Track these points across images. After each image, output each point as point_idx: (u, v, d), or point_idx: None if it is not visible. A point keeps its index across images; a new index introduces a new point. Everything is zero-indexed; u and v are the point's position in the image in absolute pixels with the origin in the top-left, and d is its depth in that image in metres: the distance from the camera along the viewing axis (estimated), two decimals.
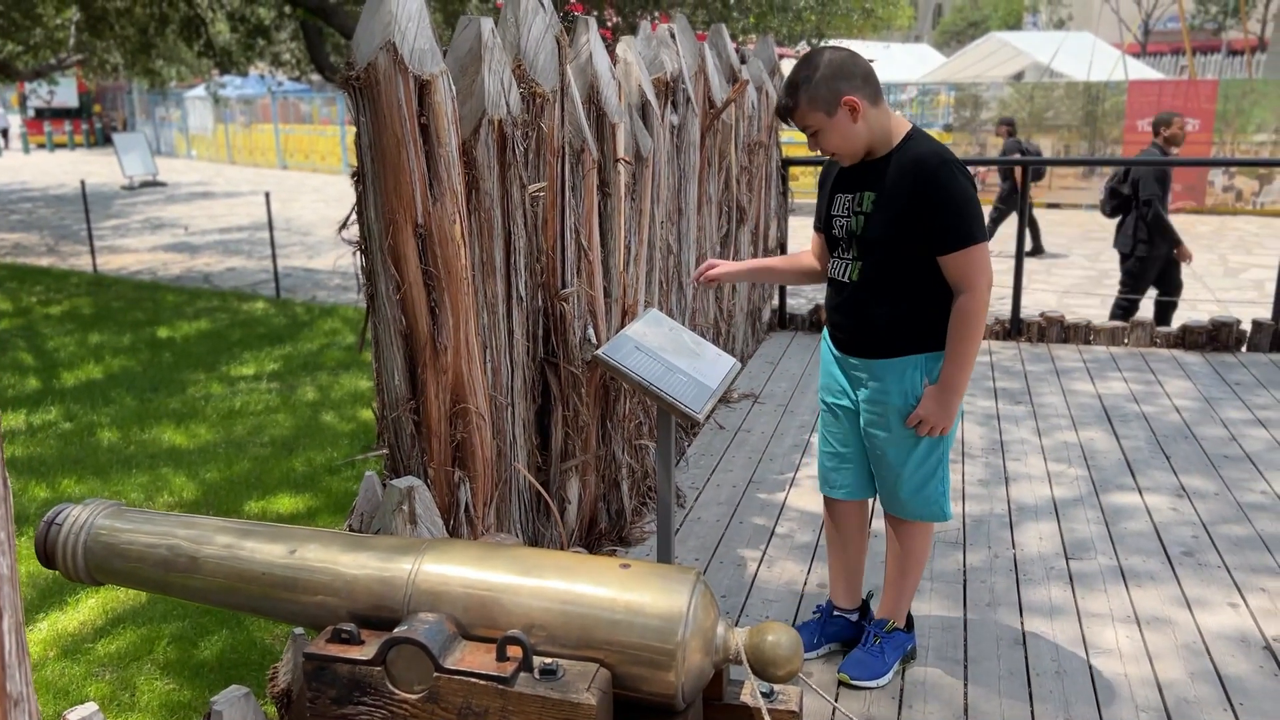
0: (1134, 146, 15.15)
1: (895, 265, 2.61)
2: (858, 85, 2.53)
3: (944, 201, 2.49)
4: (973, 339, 2.56)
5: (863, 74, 2.54)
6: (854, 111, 2.52)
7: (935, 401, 2.63)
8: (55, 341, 8.54)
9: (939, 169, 2.50)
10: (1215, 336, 6.42)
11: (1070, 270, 10.54)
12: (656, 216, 4.17)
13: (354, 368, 7.47)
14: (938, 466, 2.75)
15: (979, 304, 2.53)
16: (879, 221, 2.59)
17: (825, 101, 2.52)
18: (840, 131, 2.55)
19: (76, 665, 3.53)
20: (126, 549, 2.00)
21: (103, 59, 17.19)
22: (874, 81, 2.57)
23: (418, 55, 2.48)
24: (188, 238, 14.95)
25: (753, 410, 5.43)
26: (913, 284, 2.61)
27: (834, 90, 2.52)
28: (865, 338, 2.70)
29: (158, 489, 5.13)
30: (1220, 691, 2.84)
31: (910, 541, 2.86)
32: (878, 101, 2.57)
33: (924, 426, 2.66)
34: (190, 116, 32.19)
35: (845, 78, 2.52)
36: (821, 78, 2.52)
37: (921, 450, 2.72)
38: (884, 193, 2.58)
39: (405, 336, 2.64)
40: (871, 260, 2.64)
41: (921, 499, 2.78)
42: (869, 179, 2.63)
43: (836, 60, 2.54)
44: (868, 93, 2.54)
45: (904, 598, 2.92)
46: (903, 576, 2.89)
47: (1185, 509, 4.06)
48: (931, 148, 2.55)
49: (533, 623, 1.80)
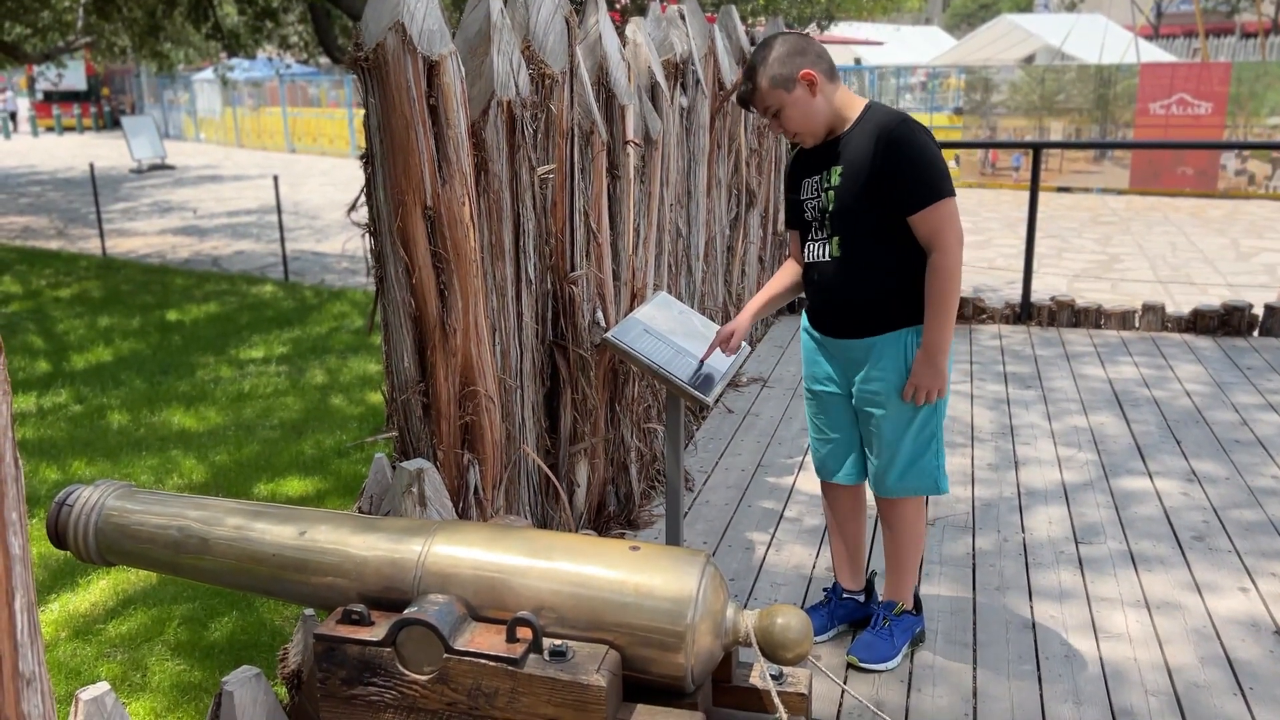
0: (1146, 130, 15.05)
1: (869, 236, 2.62)
2: (813, 60, 2.59)
3: (906, 160, 2.52)
4: (950, 296, 2.57)
5: (816, 52, 2.61)
6: (812, 85, 2.58)
7: (925, 365, 2.63)
8: (65, 324, 8.57)
9: (898, 129, 2.53)
10: (1227, 321, 6.39)
11: (1080, 255, 10.49)
12: (665, 199, 4.15)
13: (362, 351, 7.48)
14: (932, 438, 2.76)
15: (952, 260, 2.55)
16: (848, 193, 2.61)
17: (783, 79, 2.58)
18: (800, 107, 2.60)
19: (88, 646, 3.55)
20: (137, 530, 2.00)
21: (110, 41, 17.17)
22: (828, 59, 2.64)
23: (426, 36, 2.47)
24: (196, 221, 14.96)
25: (761, 394, 5.42)
26: (891, 254, 2.62)
27: (790, 67, 2.58)
28: (848, 315, 2.71)
29: (167, 471, 5.15)
30: (1230, 676, 2.84)
31: (900, 520, 2.85)
32: (833, 78, 2.63)
33: (920, 394, 2.66)
34: (198, 100, 32.17)
35: (800, 54, 2.59)
36: (776, 57, 2.59)
37: (918, 422, 2.73)
38: (849, 163, 2.61)
39: (414, 319, 2.63)
40: (845, 234, 2.65)
41: (917, 471, 2.77)
42: (833, 155, 2.66)
43: (789, 40, 2.62)
44: (823, 68, 2.60)
45: (907, 578, 2.92)
46: (901, 557, 2.89)
47: (1196, 493, 4.04)
48: (892, 113, 2.59)
49: (542, 604, 1.80)
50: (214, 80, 28.09)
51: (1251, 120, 14.62)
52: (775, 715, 1.88)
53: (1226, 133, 14.62)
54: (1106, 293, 8.65)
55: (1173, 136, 14.63)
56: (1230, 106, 14.64)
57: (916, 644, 2.98)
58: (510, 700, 1.73)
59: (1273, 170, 14.42)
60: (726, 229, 5.43)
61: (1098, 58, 18.21)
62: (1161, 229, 11.91)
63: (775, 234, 6.71)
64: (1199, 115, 14.72)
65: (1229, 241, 11.10)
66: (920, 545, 2.90)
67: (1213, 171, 14.66)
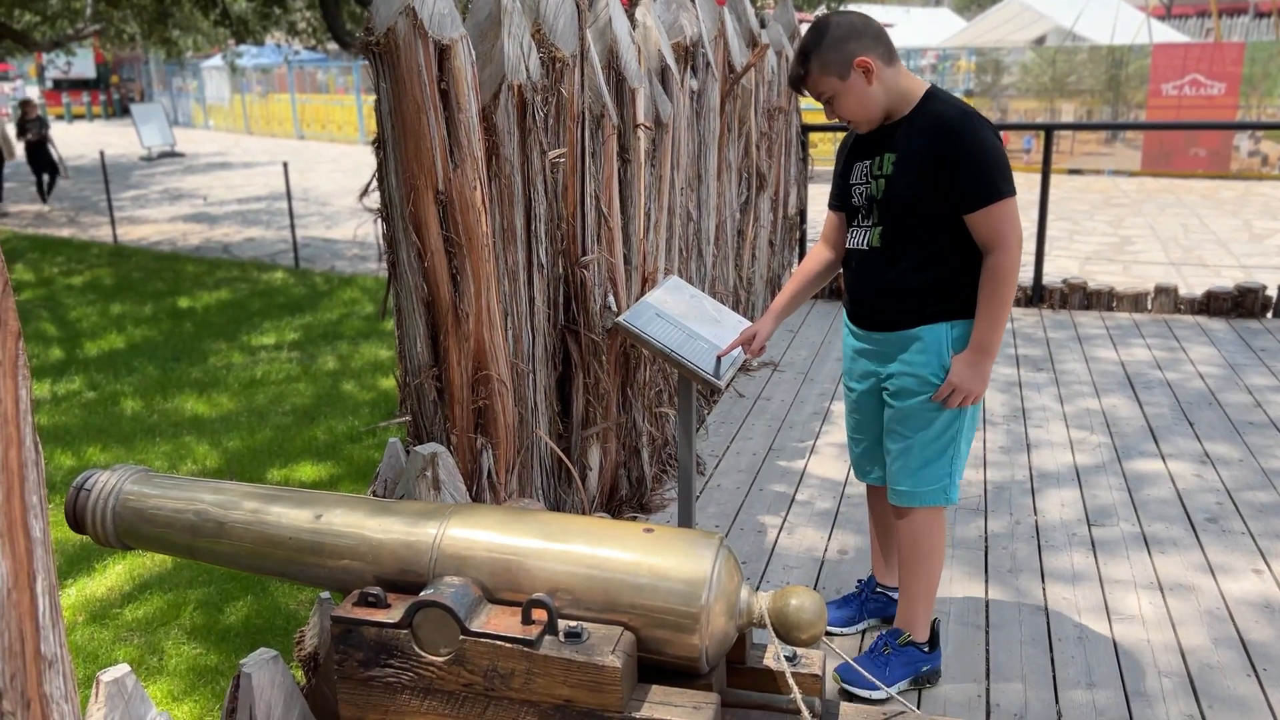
0: (1158, 111, 14.94)
1: (918, 227, 2.49)
2: (869, 45, 2.43)
3: (967, 157, 2.38)
4: (1005, 299, 2.44)
5: (874, 34, 2.45)
6: (868, 73, 2.43)
7: (968, 365, 2.49)
8: (77, 312, 8.60)
9: (960, 123, 2.39)
10: (1240, 302, 6.35)
11: (1092, 237, 10.44)
12: (676, 183, 4.14)
13: (374, 337, 7.50)
14: (949, 445, 2.59)
15: (1011, 262, 2.41)
16: (900, 182, 2.48)
17: (838, 65, 2.43)
18: (856, 95, 2.46)
19: (105, 630, 3.58)
20: (154, 514, 2.02)
21: (119, 29, 17.17)
22: (887, 41, 2.47)
23: (437, 20, 2.47)
24: (206, 208, 14.99)
25: (773, 378, 5.42)
26: (936, 247, 2.48)
27: (845, 53, 2.42)
28: (887, 306, 2.57)
29: (181, 457, 5.18)
30: (1244, 657, 2.84)
31: (911, 535, 2.65)
32: (892, 61, 2.47)
33: (956, 396, 2.51)
34: (207, 87, 32.18)
35: (856, 38, 2.43)
36: (831, 41, 2.43)
37: (940, 423, 2.57)
38: (904, 152, 2.47)
39: (427, 304, 2.64)
40: (892, 224, 2.52)
41: (927, 475, 2.60)
42: (888, 141, 2.52)
43: (846, 23, 2.45)
44: (881, 52, 2.44)
45: (918, 604, 2.69)
46: (912, 578, 2.68)
47: (1209, 475, 4.03)
48: (953, 104, 2.45)
49: (557, 586, 1.81)
50: (222, 67, 28.10)
51: (1265, 101, 14.50)
52: (789, 696, 1.89)
53: (1239, 113, 14.51)
54: (1118, 275, 8.62)
55: (1185, 117, 14.53)
56: (1243, 87, 14.52)
57: (925, 683, 2.73)
58: (526, 681, 1.74)
59: None
60: (737, 213, 5.42)
61: (1109, 38, 18.06)
62: (1174, 211, 11.83)
63: (785, 217, 6.69)
64: (1212, 96, 14.61)
65: (1242, 223, 11.03)
66: (934, 569, 2.68)
67: (1226, 153, 14.56)
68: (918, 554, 2.66)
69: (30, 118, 14.85)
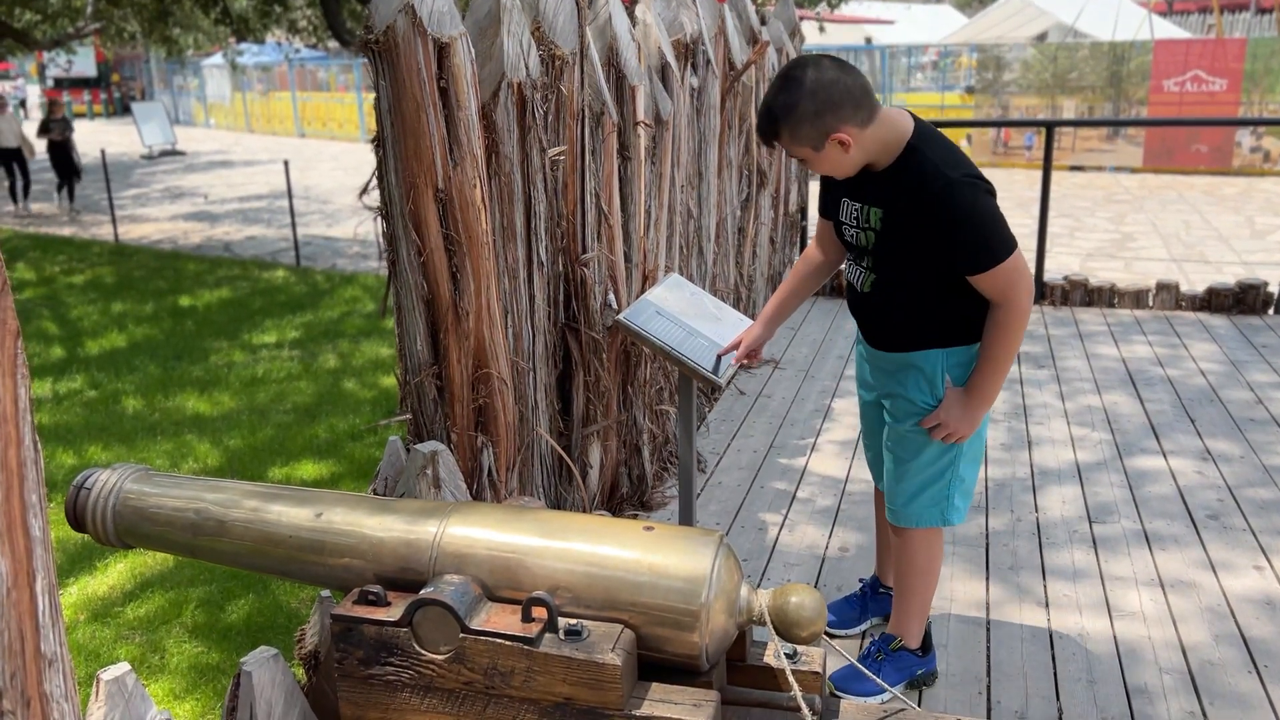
0: (1160, 107, 14.92)
1: (912, 277, 2.41)
2: (847, 115, 2.22)
3: (959, 225, 2.24)
4: (1010, 350, 2.35)
5: (853, 98, 2.22)
6: (844, 145, 2.25)
7: (961, 407, 2.43)
8: (79, 310, 8.61)
9: (949, 193, 2.22)
10: (1242, 299, 6.35)
11: (1093, 234, 10.43)
12: (676, 180, 4.14)
13: (374, 335, 7.50)
14: (947, 469, 2.54)
15: (1019, 315, 2.31)
16: (891, 241, 2.38)
17: (811, 138, 2.25)
18: (830, 162, 2.31)
19: (106, 629, 3.59)
20: (155, 513, 2.02)
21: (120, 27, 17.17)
22: (866, 99, 2.24)
23: (436, 18, 2.46)
24: (207, 206, 14.99)
25: (773, 376, 5.42)
26: (933, 290, 2.41)
27: (820, 128, 2.23)
28: (886, 336, 2.54)
29: (182, 456, 5.18)
30: (1245, 654, 2.84)
31: (907, 551, 2.63)
32: (871, 120, 2.27)
33: (941, 430, 2.46)
34: (208, 85, 32.18)
35: (832, 109, 2.21)
36: (804, 113, 2.22)
37: (933, 450, 2.52)
38: (891, 211, 2.34)
39: (427, 302, 2.64)
40: (886, 272, 2.44)
41: (920, 501, 2.57)
42: (873, 192, 2.38)
43: (822, 86, 2.20)
44: (859, 118, 2.24)
45: (910, 614, 2.68)
46: (907, 592, 2.67)
47: (1210, 472, 4.03)
48: (935, 163, 2.25)
49: (557, 584, 1.81)
50: (223, 65, 28.10)
51: (1267, 97, 14.47)
52: (789, 694, 1.89)
53: (1241, 109, 14.48)
54: (1120, 272, 8.61)
55: (1187, 114, 14.51)
56: (1245, 83, 14.50)
57: (922, 685, 2.74)
58: (526, 679, 1.74)
59: None
60: (738, 210, 5.41)
61: (1111, 35, 18.04)
62: (1175, 207, 11.82)
63: (786, 215, 6.69)
64: (1214, 92, 14.58)
65: (1244, 219, 11.02)
66: (929, 583, 2.67)
67: (1227, 149, 14.54)
68: (913, 571, 2.65)
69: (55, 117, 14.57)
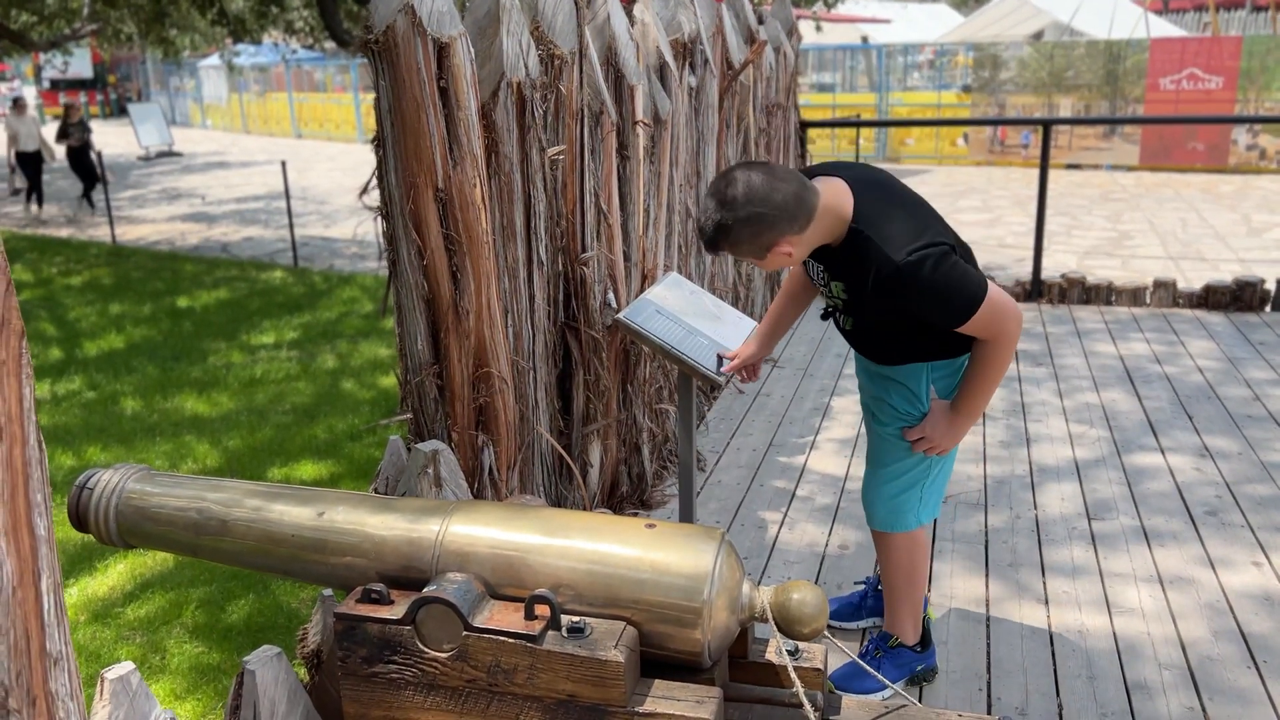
0: (1156, 105, 14.94)
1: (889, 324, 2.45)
2: (782, 228, 2.21)
3: (922, 300, 2.26)
4: (996, 375, 2.39)
5: (787, 213, 2.20)
6: (787, 255, 2.27)
7: (945, 422, 2.47)
8: (76, 312, 8.61)
9: (897, 278, 2.22)
10: (1239, 296, 6.36)
11: (1090, 232, 10.44)
12: (675, 179, 4.15)
13: (373, 335, 7.50)
14: (921, 478, 2.59)
15: (1007, 344, 2.34)
16: (859, 310, 2.43)
17: (752, 252, 2.27)
18: (778, 263, 2.32)
19: (107, 629, 3.59)
20: (157, 512, 2.02)
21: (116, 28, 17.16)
22: (800, 209, 2.21)
23: (436, 17, 2.47)
24: (205, 207, 14.98)
25: (772, 374, 5.43)
26: (911, 329, 2.44)
27: (758, 244, 2.23)
28: (871, 353, 2.58)
29: (181, 457, 5.18)
30: (1244, 650, 2.84)
31: (891, 555, 2.68)
32: (810, 221, 2.25)
33: (924, 443, 2.50)
34: (205, 86, 32.15)
35: (767, 226, 2.20)
36: (740, 235, 2.22)
37: (912, 459, 2.57)
38: (853, 289, 2.37)
39: (428, 301, 2.64)
40: (863, 321, 2.49)
41: (895, 505, 2.62)
42: (833, 266, 2.40)
43: (753, 204, 2.18)
44: (796, 227, 2.23)
45: (901, 613, 2.73)
46: (895, 592, 2.72)
47: (1208, 469, 4.04)
48: (881, 247, 2.24)
49: (560, 582, 1.82)
50: (220, 66, 28.08)
51: (1263, 94, 14.49)
52: (791, 690, 1.90)
53: (1238, 107, 14.51)
54: (1117, 270, 8.62)
55: (1183, 112, 14.53)
56: (1241, 81, 14.52)
57: (922, 681, 2.78)
58: (529, 676, 1.75)
59: None
60: None
61: (1107, 33, 18.06)
62: (1172, 205, 11.84)
63: None
64: (1210, 90, 14.60)
65: (1240, 217, 11.04)
66: (913, 583, 2.71)
67: (1224, 147, 14.56)
68: (898, 573, 2.70)
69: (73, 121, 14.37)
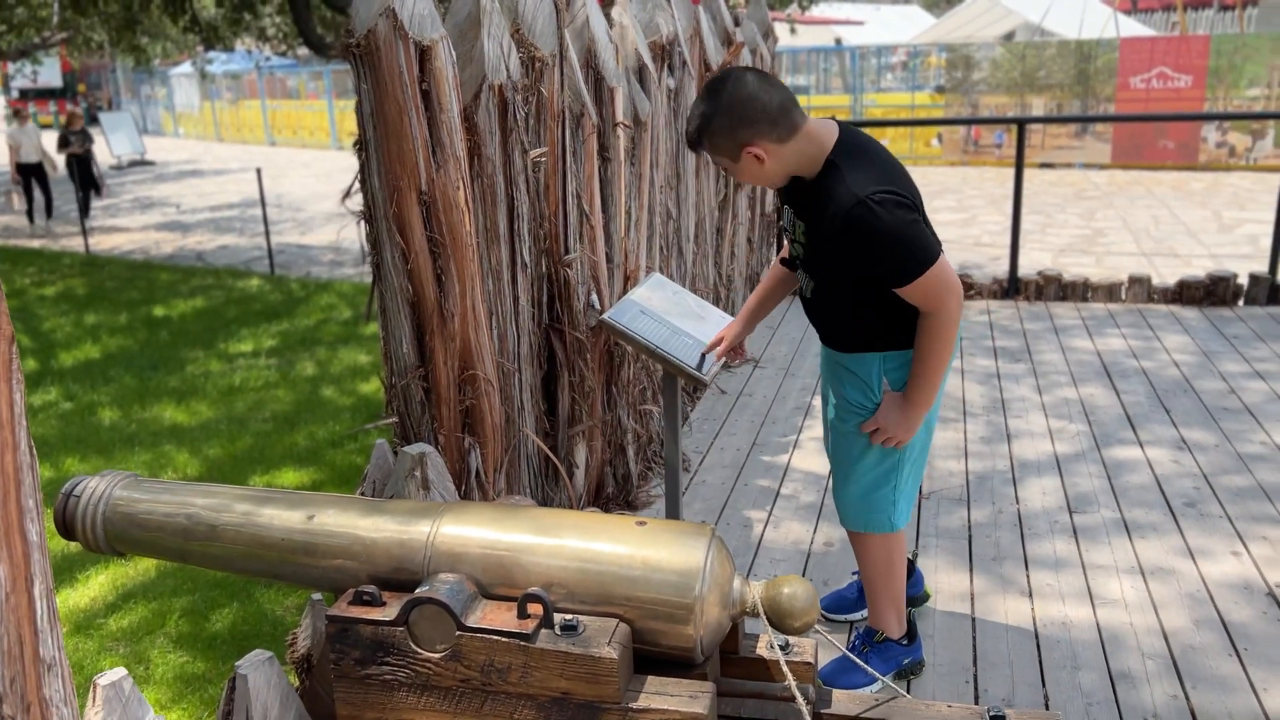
0: (1127, 104, 15.11)
1: (845, 286, 2.45)
2: (762, 130, 2.28)
3: (874, 244, 2.27)
4: (941, 355, 2.37)
5: (769, 116, 2.27)
6: (759, 159, 2.32)
7: (897, 412, 2.47)
8: (51, 322, 8.52)
9: (858, 213, 2.24)
10: (1212, 291, 6.44)
11: (1065, 230, 10.54)
12: (655, 181, 4.16)
13: (352, 342, 7.47)
14: (890, 474, 2.57)
15: (948, 320, 2.34)
16: (815, 255, 2.44)
17: (727, 149, 2.33)
18: (749, 173, 2.37)
19: (90, 641, 3.56)
20: (145, 519, 2.01)
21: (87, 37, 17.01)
22: (783, 117, 2.29)
23: (417, 21, 2.47)
24: (179, 216, 14.87)
25: (754, 374, 5.45)
26: (867, 296, 2.44)
27: (734, 140, 2.30)
28: (830, 336, 2.59)
29: (161, 466, 5.14)
30: (1225, 638, 2.88)
31: (868, 556, 2.69)
32: (791, 135, 2.31)
33: (879, 435, 2.50)
34: (176, 94, 31.93)
35: (747, 124, 2.27)
36: (720, 125, 2.29)
37: (875, 454, 2.56)
38: (812, 228, 2.39)
39: (412, 304, 2.64)
40: (819, 282, 2.50)
41: (867, 504, 2.61)
42: (800, 204, 2.44)
43: (738, 101, 2.26)
44: (776, 134, 2.29)
45: (884, 609, 2.72)
46: (876, 591, 2.71)
47: (1186, 461, 4.09)
48: (848, 184, 2.27)
49: (552, 581, 1.82)
50: (191, 74, 27.89)
51: (1231, 92, 14.69)
52: (784, 684, 1.91)
53: (1207, 105, 14.69)
54: (1091, 267, 8.71)
55: (1154, 110, 14.70)
56: (1210, 79, 14.70)
57: (910, 675, 2.78)
58: (523, 675, 1.75)
59: (1253, 142, 14.50)
60: (715, 210, 5.44)
61: (1077, 33, 18.25)
62: (1144, 203, 11.97)
63: (763, 215, 6.72)
64: (1179, 89, 14.78)
65: (1211, 214, 11.17)
66: (891, 581, 2.70)
67: (1194, 144, 14.74)
68: (876, 572, 2.70)
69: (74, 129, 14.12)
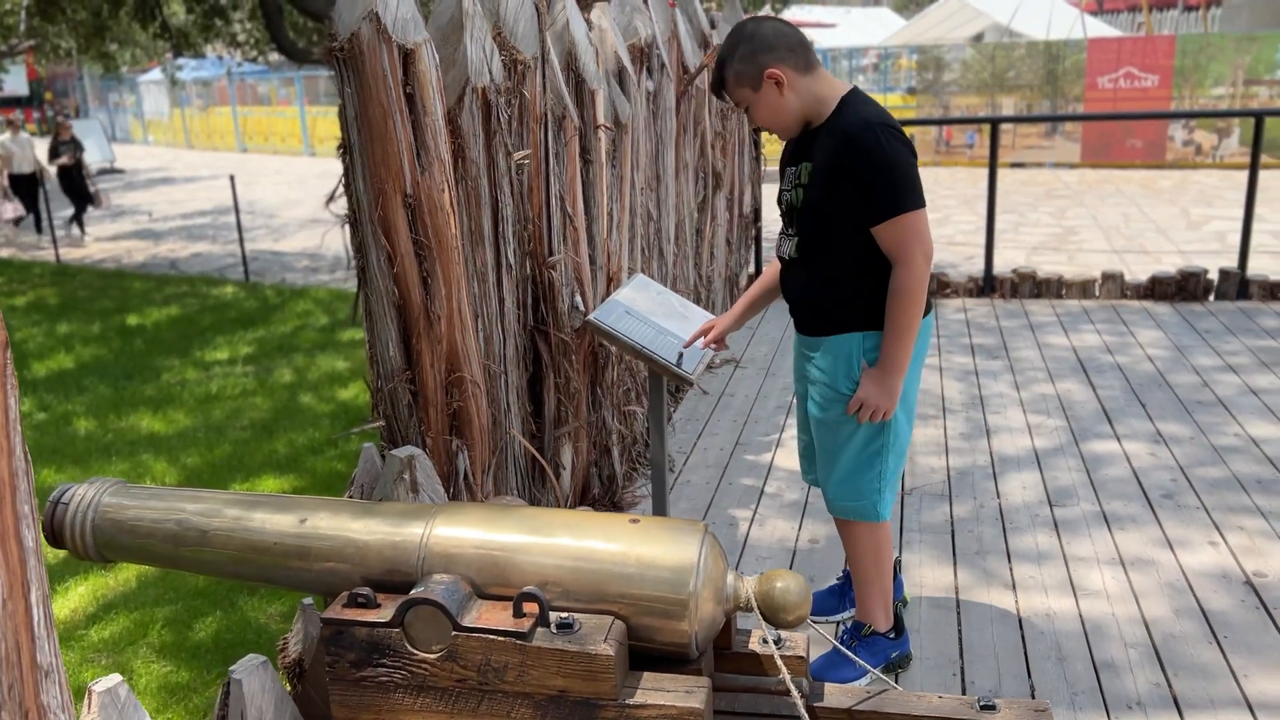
0: (1095, 104, 15.28)
1: (832, 239, 2.47)
2: (782, 55, 2.40)
3: (868, 169, 2.33)
4: (910, 314, 2.39)
5: (789, 44, 2.42)
6: (780, 85, 2.41)
7: (875, 382, 2.47)
8: (23, 333, 8.42)
9: (863, 133, 2.33)
10: (1184, 287, 6.53)
11: (1037, 229, 10.65)
12: (637, 183, 4.17)
13: (330, 348, 7.43)
14: (875, 459, 2.57)
15: (915, 276, 2.36)
16: (814, 194, 2.46)
17: (750, 76, 2.42)
18: (768, 105, 2.44)
19: (72, 652, 3.52)
20: (135, 525, 2.00)
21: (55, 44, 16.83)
22: (803, 50, 2.44)
23: (401, 24, 2.47)
24: (150, 224, 14.74)
25: (735, 375, 5.47)
26: (850, 259, 2.46)
27: (757, 65, 2.40)
28: (807, 314, 2.60)
29: (139, 475, 5.10)
30: (1205, 626, 2.93)
31: (855, 544, 2.69)
32: (809, 70, 2.43)
33: (865, 410, 2.49)
34: (145, 101, 31.63)
35: (769, 49, 2.40)
36: (744, 52, 2.41)
37: (861, 436, 2.56)
38: (818, 163, 2.44)
39: (398, 307, 2.64)
40: (808, 234, 2.51)
41: (853, 491, 2.61)
42: (808, 150, 2.49)
43: (761, 33, 2.42)
44: (795, 62, 2.41)
45: (871, 601, 2.73)
46: (863, 582, 2.72)
47: (1163, 454, 4.15)
48: (862, 113, 2.37)
49: (546, 579, 1.83)
50: (161, 81, 27.64)
51: (1197, 91, 14.89)
52: (778, 678, 1.93)
53: (1173, 104, 14.89)
54: (1064, 264, 8.80)
55: (1121, 109, 14.88)
56: (1176, 78, 14.90)
57: (897, 668, 2.79)
58: (520, 674, 1.76)
59: (1219, 140, 14.71)
60: (695, 212, 5.46)
61: (1045, 34, 18.44)
62: (1114, 201, 12.11)
63: (741, 216, 6.75)
64: (1146, 88, 14.97)
65: (1179, 211, 11.32)
66: (879, 570, 2.71)
67: (1161, 143, 14.93)
68: (863, 562, 2.71)
69: (64, 139, 13.80)
